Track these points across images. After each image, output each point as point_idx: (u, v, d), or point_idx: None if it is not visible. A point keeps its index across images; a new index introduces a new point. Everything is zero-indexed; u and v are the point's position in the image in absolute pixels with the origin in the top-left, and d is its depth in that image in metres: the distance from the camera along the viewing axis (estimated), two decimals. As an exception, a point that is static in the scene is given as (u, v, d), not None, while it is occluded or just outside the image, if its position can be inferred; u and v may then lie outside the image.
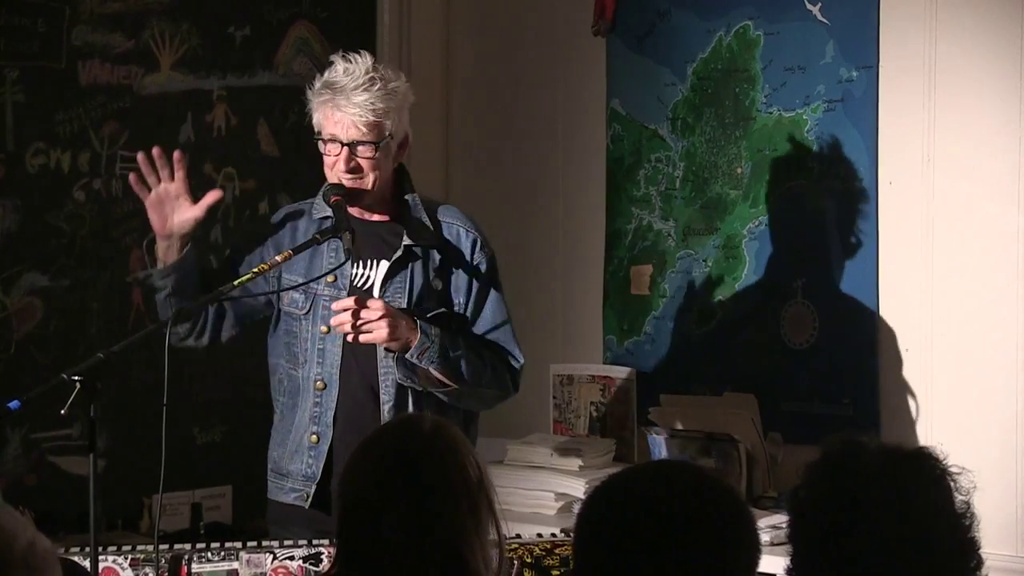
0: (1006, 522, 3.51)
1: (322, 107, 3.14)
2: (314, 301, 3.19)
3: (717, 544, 1.84)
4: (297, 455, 3.19)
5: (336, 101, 3.10)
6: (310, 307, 3.20)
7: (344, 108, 3.10)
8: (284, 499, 3.21)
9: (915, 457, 1.95)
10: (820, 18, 3.90)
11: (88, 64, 4.09)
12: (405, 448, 2.17)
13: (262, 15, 4.49)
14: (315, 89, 3.16)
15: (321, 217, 3.22)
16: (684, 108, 4.22)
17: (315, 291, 3.18)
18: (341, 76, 3.12)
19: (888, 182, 3.78)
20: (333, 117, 3.12)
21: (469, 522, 2.11)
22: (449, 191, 4.83)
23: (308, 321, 3.19)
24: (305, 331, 3.20)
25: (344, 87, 3.10)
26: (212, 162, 4.36)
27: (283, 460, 3.22)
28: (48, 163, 4.02)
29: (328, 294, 3.18)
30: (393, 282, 3.17)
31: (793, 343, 3.96)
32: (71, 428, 3.96)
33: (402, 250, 3.17)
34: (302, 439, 3.18)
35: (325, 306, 3.17)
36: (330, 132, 3.13)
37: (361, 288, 3.17)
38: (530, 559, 2.84)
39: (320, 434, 3.16)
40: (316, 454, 3.16)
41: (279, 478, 3.23)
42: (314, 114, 3.17)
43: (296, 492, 3.18)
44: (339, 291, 3.17)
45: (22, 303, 3.97)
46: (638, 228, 4.33)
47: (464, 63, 4.84)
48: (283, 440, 3.24)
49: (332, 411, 3.15)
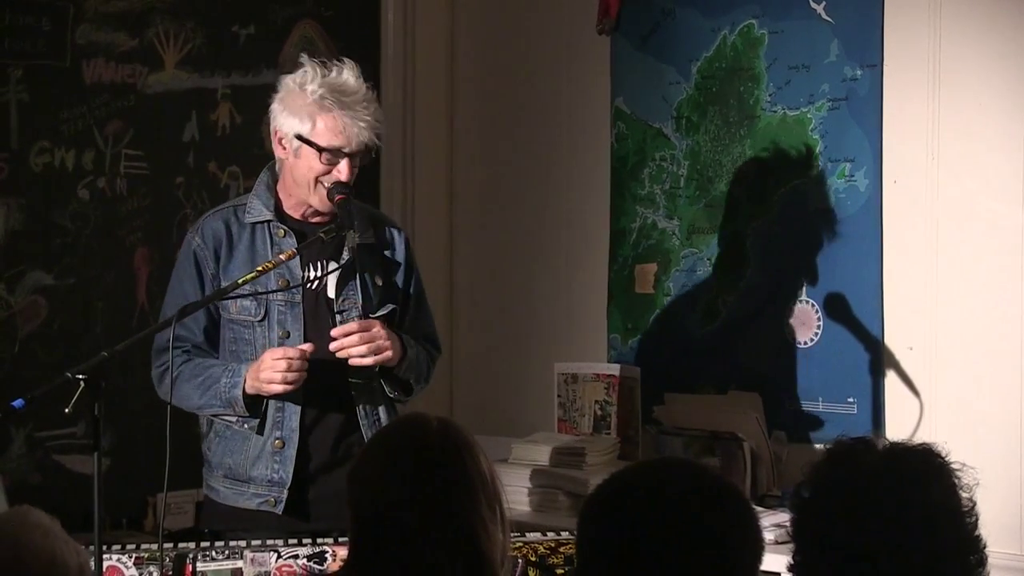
0: (1010, 521, 3.51)
1: (323, 113, 3.04)
2: (268, 307, 3.14)
3: (720, 542, 1.84)
4: (260, 461, 3.13)
5: (347, 111, 3.03)
6: (264, 313, 3.14)
7: (356, 119, 3.03)
8: (246, 504, 3.15)
9: (917, 453, 1.94)
10: (824, 17, 3.90)
11: (92, 63, 4.10)
12: (421, 446, 2.18)
13: (266, 14, 4.49)
14: (310, 89, 3.05)
15: (256, 221, 3.16)
16: (688, 107, 4.22)
17: (267, 297, 3.12)
18: (352, 83, 3.05)
19: (892, 181, 3.78)
20: (338, 125, 3.04)
21: (487, 515, 2.13)
22: (453, 189, 4.84)
23: (263, 328, 3.14)
24: (261, 337, 3.14)
25: (354, 96, 3.04)
26: (216, 161, 4.37)
27: (241, 467, 3.15)
28: (52, 162, 4.02)
29: (283, 298, 3.13)
30: (346, 281, 3.15)
31: (797, 341, 3.96)
32: (75, 427, 3.96)
33: (353, 250, 3.11)
34: (264, 445, 3.13)
35: (281, 310, 3.14)
36: (332, 142, 3.04)
37: (313, 289, 3.15)
38: (534, 558, 2.84)
39: (285, 439, 3.12)
40: (282, 459, 3.11)
41: (237, 484, 3.16)
42: (300, 117, 3.06)
43: (261, 498, 3.13)
44: (294, 294, 3.13)
45: (26, 302, 3.97)
46: (642, 227, 4.33)
47: (468, 62, 4.84)
48: (238, 447, 3.16)
49: (298, 415, 3.12)
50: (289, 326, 3.13)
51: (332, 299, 3.15)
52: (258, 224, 3.17)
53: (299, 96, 3.07)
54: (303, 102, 3.06)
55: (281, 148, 3.12)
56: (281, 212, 3.18)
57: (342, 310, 3.14)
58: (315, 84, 3.05)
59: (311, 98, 3.04)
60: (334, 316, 3.14)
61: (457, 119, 4.86)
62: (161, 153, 4.25)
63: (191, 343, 3.16)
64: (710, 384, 4.14)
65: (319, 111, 3.05)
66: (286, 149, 3.11)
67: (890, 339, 3.79)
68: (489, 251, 4.72)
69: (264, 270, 3.00)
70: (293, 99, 3.08)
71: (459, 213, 4.81)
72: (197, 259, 3.18)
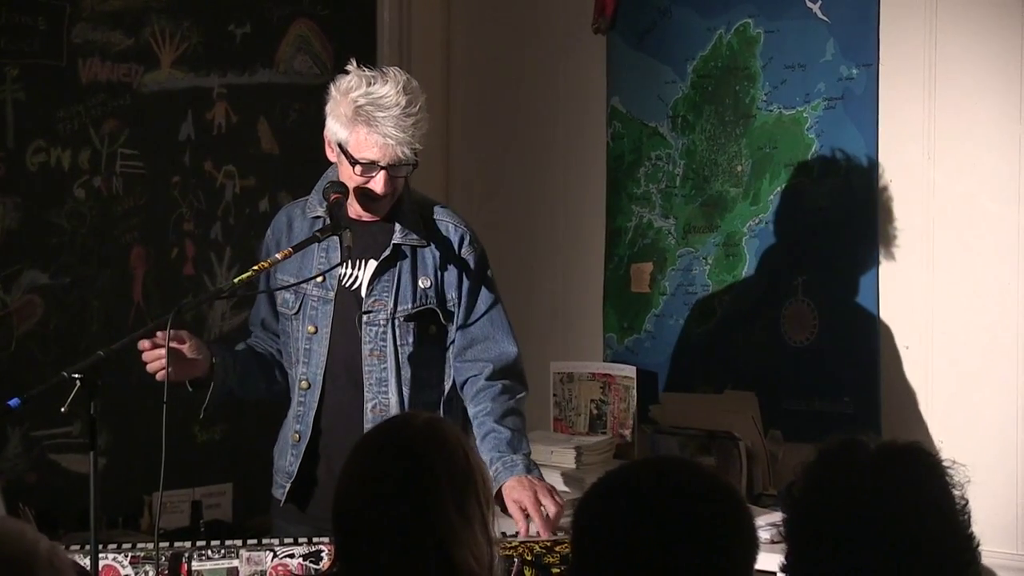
0: (1006, 520, 3.51)
1: (359, 125, 3.02)
2: (303, 301, 3.18)
3: (715, 541, 1.84)
4: (283, 452, 3.22)
5: (381, 125, 3.00)
6: (300, 307, 3.19)
7: (389, 134, 3.00)
8: (276, 494, 3.25)
9: (908, 452, 1.95)
10: (820, 16, 3.90)
11: (88, 62, 4.09)
12: (394, 441, 2.20)
13: (262, 13, 4.49)
14: (352, 98, 3.02)
15: (314, 216, 3.20)
16: (684, 106, 4.22)
17: (304, 291, 3.17)
18: (392, 96, 3.01)
19: (888, 180, 3.78)
20: (371, 140, 3.01)
21: (455, 516, 2.12)
22: (449, 189, 4.84)
23: (298, 321, 3.19)
24: (296, 331, 3.20)
25: (390, 110, 3.00)
26: (212, 160, 4.37)
27: (276, 456, 3.26)
28: (48, 161, 4.02)
29: (317, 294, 3.17)
30: (380, 281, 3.15)
31: (793, 341, 3.96)
32: (71, 426, 3.96)
33: (391, 249, 3.14)
34: (287, 437, 3.21)
35: (313, 306, 3.17)
36: (366, 156, 3.02)
37: (349, 288, 3.16)
38: (530, 557, 2.84)
39: (301, 433, 3.17)
40: (296, 452, 3.18)
41: (275, 474, 3.27)
42: (341, 125, 3.05)
43: (281, 488, 3.22)
44: (327, 291, 3.16)
45: (22, 301, 3.97)
46: (638, 226, 4.33)
47: (464, 61, 4.84)
48: (280, 436, 3.27)
49: (314, 411, 3.16)
50: (318, 321, 3.15)
51: (363, 298, 3.15)
52: (316, 218, 3.18)
53: (342, 104, 3.05)
54: (344, 111, 3.04)
55: (331, 150, 3.13)
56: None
57: (370, 311, 3.14)
58: (356, 94, 3.02)
59: (350, 108, 3.03)
60: (361, 316, 3.14)
61: (452, 118, 4.86)
62: (157, 152, 4.25)
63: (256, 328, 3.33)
64: (706, 383, 4.14)
65: (355, 123, 3.03)
66: (334, 152, 3.12)
67: (886, 338, 3.79)
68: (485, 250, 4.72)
69: (260, 268, 3.02)
70: (337, 106, 3.06)
71: (455, 212, 4.81)
72: (267, 250, 3.26)
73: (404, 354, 3.14)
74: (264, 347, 3.30)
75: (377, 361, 3.14)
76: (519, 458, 3.08)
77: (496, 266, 3.34)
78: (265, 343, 3.31)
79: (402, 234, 3.15)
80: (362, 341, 3.14)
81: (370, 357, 3.14)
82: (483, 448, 3.08)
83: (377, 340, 3.14)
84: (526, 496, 2.99)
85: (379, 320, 3.14)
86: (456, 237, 3.22)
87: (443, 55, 4.86)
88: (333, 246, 3.11)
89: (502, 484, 3.03)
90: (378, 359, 3.14)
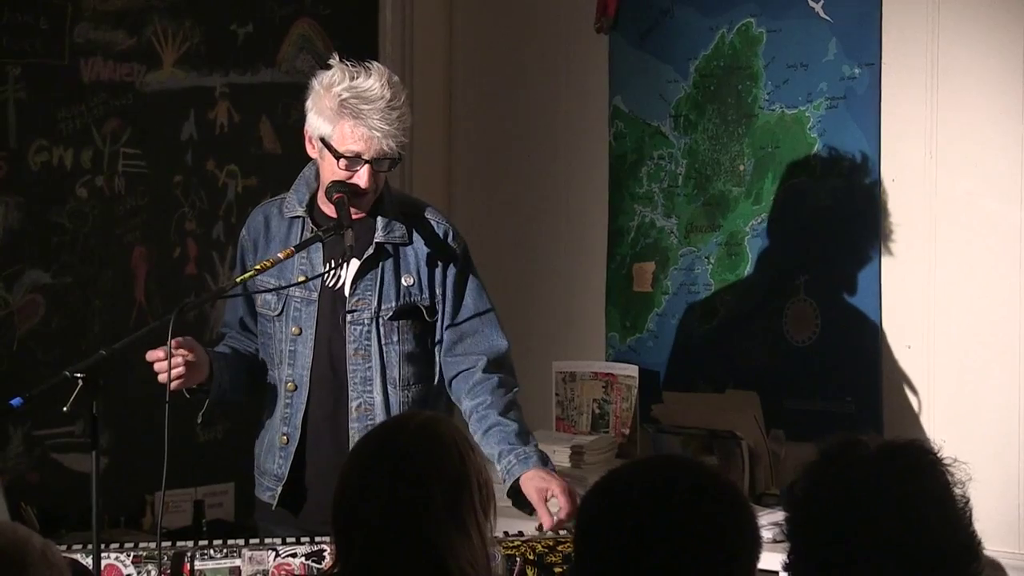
0: (1007, 519, 3.51)
1: (345, 119, 3.00)
2: (286, 302, 3.16)
3: (717, 539, 1.84)
4: (270, 454, 3.19)
5: (366, 118, 2.98)
6: (282, 308, 3.16)
7: (374, 126, 2.98)
8: (261, 496, 3.22)
9: (909, 450, 1.95)
10: (822, 15, 3.90)
11: (90, 61, 4.09)
12: (388, 440, 2.20)
13: (264, 12, 4.49)
14: (335, 92, 3.00)
15: (292, 216, 3.17)
16: (686, 105, 4.22)
17: (287, 292, 3.15)
18: (377, 89, 3.00)
19: (890, 179, 3.78)
20: (356, 132, 2.99)
21: (447, 521, 2.12)
22: (451, 189, 4.84)
23: (281, 322, 3.16)
24: (279, 332, 3.16)
25: (375, 103, 2.98)
26: (214, 159, 4.37)
27: (260, 458, 3.23)
28: (50, 160, 4.02)
29: (300, 295, 3.14)
30: (364, 280, 3.12)
31: (796, 340, 3.96)
32: (73, 425, 3.96)
33: (373, 248, 3.12)
34: (274, 439, 3.18)
35: (297, 307, 3.14)
36: (351, 149, 3.01)
37: (333, 288, 3.14)
38: (532, 556, 2.84)
39: (289, 435, 3.14)
40: (285, 455, 3.15)
41: (259, 475, 3.23)
42: (325, 119, 3.03)
43: (270, 491, 3.18)
44: (311, 291, 3.13)
45: (24, 300, 3.97)
46: (640, 225, 4.33)
47: (466, 60, 4.84)
48: (262, 438, 3.23)
49: (302, 413, 3.14)
50: (302, 322, 3.13)
51: (346, 298, 3.14)
52: (295, 219, 3.17)
53: (325, 98, 3.03)
54: (328, 104, 3.02)
55: (311, 147, 3.11)
56: (316, 207, 3.17)
57: (353, 310, 3.13)
58: (339, 88, 3.01)
59: (334, 102, 3.01)
60: (345, 315, 3.13)
61: (455, 117, 4.86)
62: (159, 152, 4.25)
63: (231, 330, 3.28)
64: (708, 383, 4.14)
65: (339, 116, 3.01)
66: (315, 148, 3.10)
67: (888, 337, 3.79)
68: (487, 249, 4.70)
69: (262, 268, 3.00)
70: (319, 100, 3.04)
71: (457, 211, 4.80)
72: (243, 250, 3.25)
73: (389, 353, 3.12)
74: (245, 348, 3.26)
75: (362, 360, 3.12)
76: (531, 450, 3.05)
77: (498, 266, 3.35)
78: (245, 344, 3.27)
79: (384, 232, 3.12)
80: (346, 341, 3.12)
81: (354, 356, 3.12)
82: (488, 441, 3.05)
83: (361, 339, 3.12)
84: (554, 483, 2.97)
85: (363, 319, 3.12)
86: (440, 232, 3.20)
87: (445, 54, 4.86)
88: (315, 248, 3.10)
89: (517, 477, 3.01)
90: (363, 358, 3.12)
